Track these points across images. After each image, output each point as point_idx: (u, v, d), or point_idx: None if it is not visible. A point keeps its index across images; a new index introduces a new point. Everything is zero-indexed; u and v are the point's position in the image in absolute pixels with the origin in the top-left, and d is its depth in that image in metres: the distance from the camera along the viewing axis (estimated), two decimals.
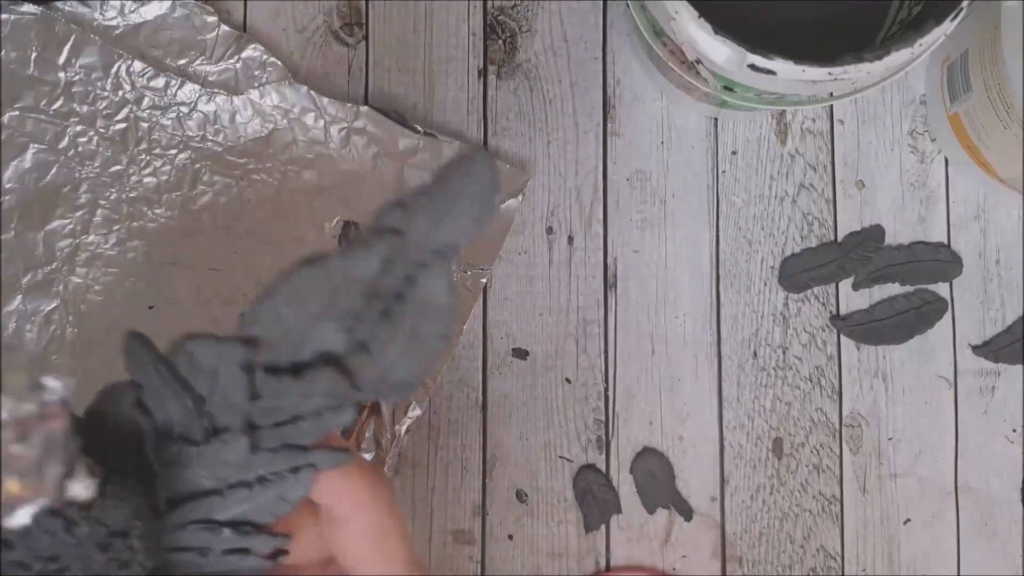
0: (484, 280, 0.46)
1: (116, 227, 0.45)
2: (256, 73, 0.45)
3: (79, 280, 0.45)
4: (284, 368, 0.25)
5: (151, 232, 0.45)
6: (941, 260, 0.47)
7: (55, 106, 0.45)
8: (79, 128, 0.45)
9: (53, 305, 0.44)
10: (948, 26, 0.34)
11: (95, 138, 0.45)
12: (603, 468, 0.46)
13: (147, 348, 0.25)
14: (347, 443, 0.26)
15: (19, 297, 0.44)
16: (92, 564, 0.23)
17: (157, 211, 0.45)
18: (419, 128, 0.46)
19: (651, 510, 0.46)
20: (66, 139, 0.45)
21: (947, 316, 0.47)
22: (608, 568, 0.45)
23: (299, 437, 0.26)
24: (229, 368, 0.25)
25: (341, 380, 0.25)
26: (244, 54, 0.45)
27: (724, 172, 0.47)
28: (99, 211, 0.45)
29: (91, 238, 0.45)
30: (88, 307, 0.45)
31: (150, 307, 0.45)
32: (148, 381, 0.25)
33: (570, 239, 0.46)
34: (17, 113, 0.45)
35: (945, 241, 0.47)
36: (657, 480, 0.46)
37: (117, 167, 0.45)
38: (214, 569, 0.26)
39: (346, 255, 0.24)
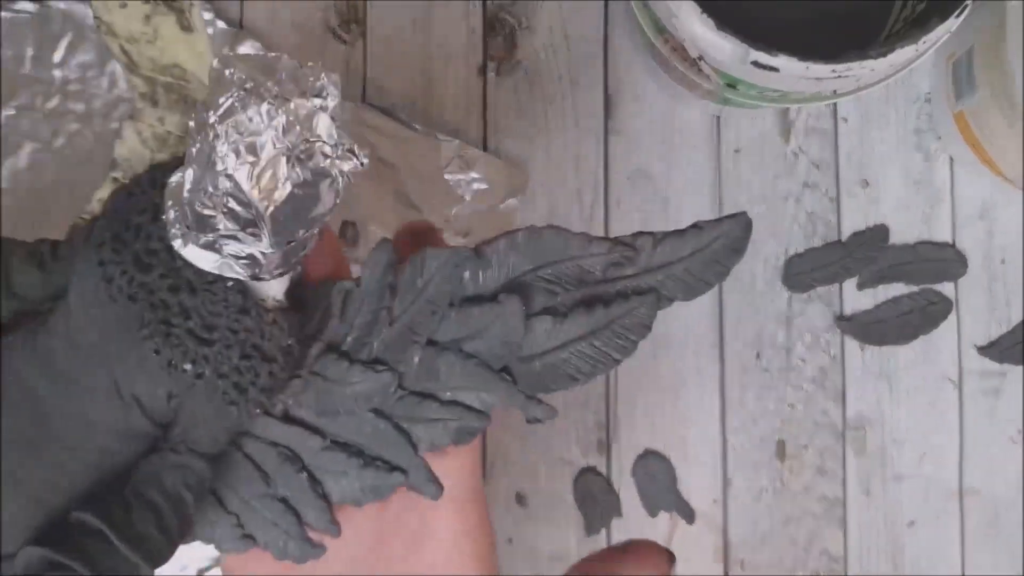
0: None
1: None
2: None
3: None
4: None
5: None
6: (946, 259, 0.46)
7: (51, 104, 0.45)
8: (75, 127, 0.45)
9: None
10: (952, 23, 0.34)
11: (91, 136, 0.45)
12: (604, 471, 0.45)
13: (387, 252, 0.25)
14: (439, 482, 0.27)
15: None
16: (223, 362, 0.24)
17: None
18: (418, 126, 0.45)
19: (653, 513, 0.45)
20: (62, 137, 0.45)
21: (952, 316, 0.46)
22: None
23: (431, 414, 0.27)
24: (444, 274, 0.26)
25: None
26: (241, 52, 0.45)
27: (727, 170, 0.47)
28: None
29: None
30: None
31: None
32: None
33: None
34: (13, 111, 0.45)
35: (950, 240, 0.47)
36: (659, 482, 0.45)
37: None
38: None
39: (587, 241, 0.26)
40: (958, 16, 0.34)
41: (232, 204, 0.21)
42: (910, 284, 0.46)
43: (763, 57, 0.34)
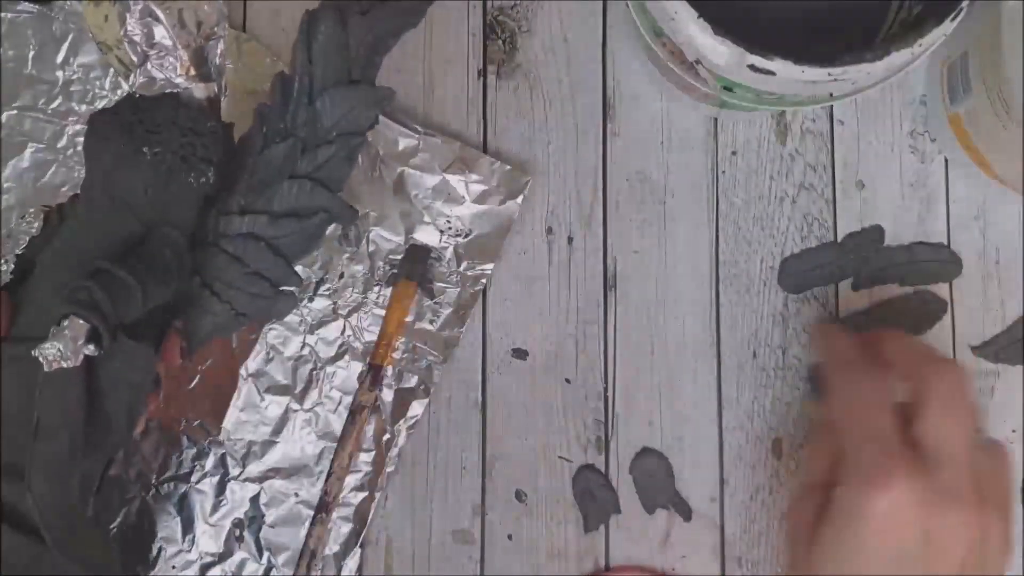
0: (484, 280, 0.46)
1: None
2: None
3: None
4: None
5: None
6: (941, 260, 0.47)
7: (53, 105, 0.45)
8: (78, 127, 0.45)
9: None
10: (948, 26, 0.34)
11: None
12: (602, 468, 0.46)
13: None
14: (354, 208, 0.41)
15: None
16: (171, 142, 0.35)
17: None
18: (419, 128, 0.46)
19: (650, 510, 0.46)
20: (64, 138, 0.45)
21: (947, 317, 0.47)
22: (607, 568, 0.45)
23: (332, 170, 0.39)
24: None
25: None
26: (244, 55, 0.45)
27: (724, 172, 0.47)
28: None
29: None
30: None
31: None
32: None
33: (570, 239, 0.46)
34: (15, 112, 0.45)
35: (945, 241, 0.47)
36: (656, 480, 0.46)
37: None
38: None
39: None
40: (954, 19, 0.34)
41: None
42: (905, 285, 0.47)
43: (759, 61, 0.34)
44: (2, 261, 0.44)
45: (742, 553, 0.46)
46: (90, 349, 0.31)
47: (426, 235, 0.45)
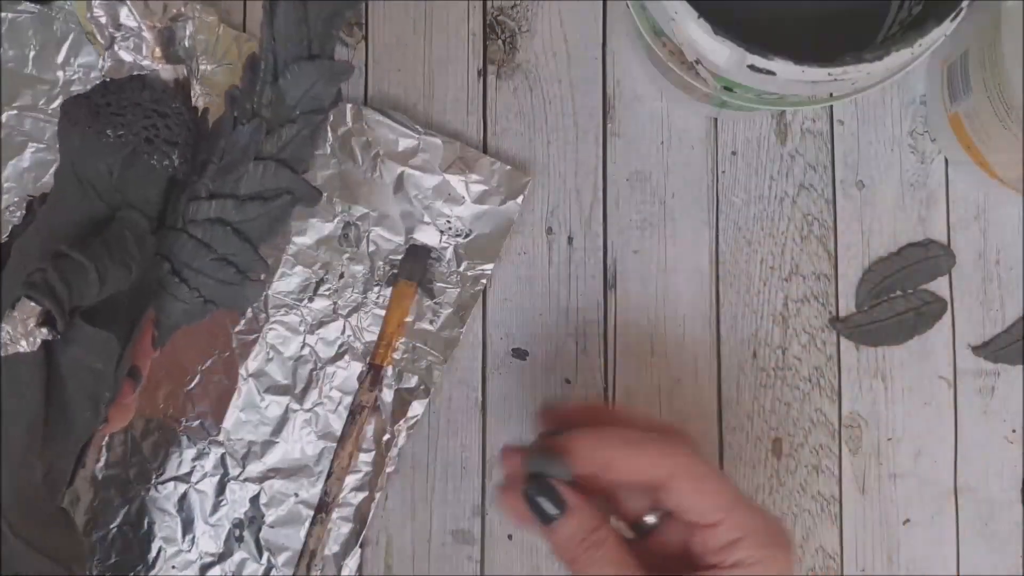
0: (484, 280, 0.46)
1: None
2: None
3: None
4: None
5: None
6: (933, 256, 0.47)
7: (54, 105, 0.45)
8: None
9: None
10: (948, 26, 0.34)
11: None
12: None
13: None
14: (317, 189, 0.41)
15: None
16: (134, 124, 0.35)
17: None
18: (419, 128, 0.46)
19: None
20: None
21: (946, 316, 0.47)
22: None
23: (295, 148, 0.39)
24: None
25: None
26: (243, 55, 0.45)
27: (724, 172, 0.47)
28: None
29: None
30: None
31: None
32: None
33: (570, 239, 0.46)
34: (16, 112, 0.45)
35: (945, 241, 0.47)
36: None
37: None
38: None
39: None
40: (954, 19, 0.34)
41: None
42: (907, 290, 0.47)
43: (759, 61, 0.34)
44: None
45: None
46: (43, 333, 0.30)
47: (426, 235, 0.45)
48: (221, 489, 0.45)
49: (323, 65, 0.39)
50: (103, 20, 0.34)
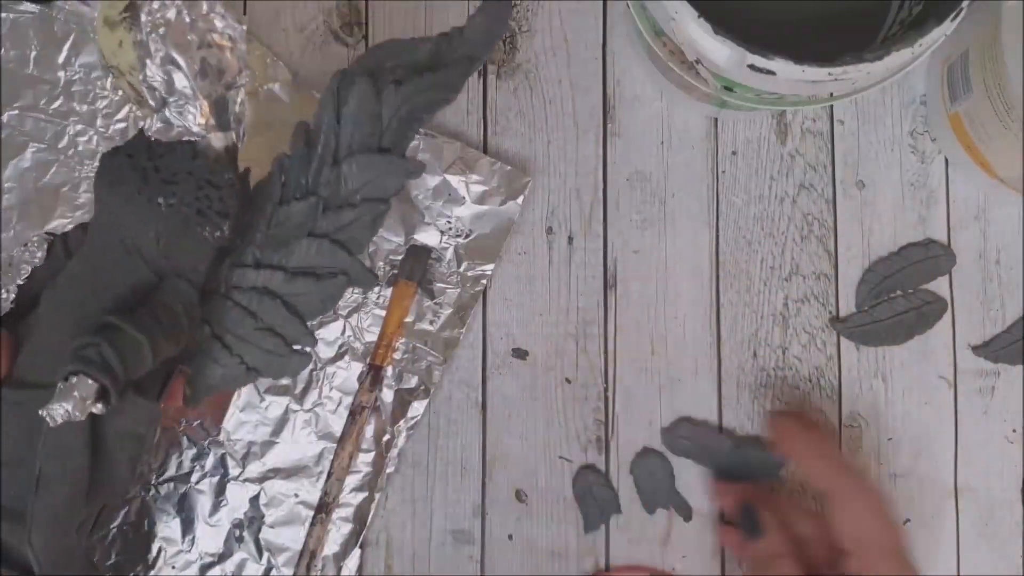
0: (484, 280, 0.46)
1: None
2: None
3: None
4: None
5: None
6: (933, 256, 0.47)
7: (55, 105, 0.45)
8: (79, 127, 0.45)
9: None
10: (948, 26, 0.34)
11: (95, 137, 0.45)
12: (603, 468, 0.46)
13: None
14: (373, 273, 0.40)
15: None
16: (187, 193, 0.34)
17: None
18: (419, 129, 0.45)
19: (651, 510, 0.46)
20: (66, 138, 0.45)
21: (947, 316, 0.47)
22: (607, 568, 0.45)
23: (353, 229, 0.38)
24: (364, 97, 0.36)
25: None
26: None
27: (724, 172, 0.47)
28: None
29: None
30: None
31: None
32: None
33: (570, 239, 0.46)
34: (17, 112, 0.45)
35: (945, 241, 0.47)
36: (657, 480, 0.46)
37: None
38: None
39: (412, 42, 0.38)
40: (954, 19, 0.34)
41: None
42: (907, 290, 0.47)
43: (760, 60, 0.34)
44: (1, 288, 0.44)
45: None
46: (98, 408, 0.30)
47: (426, 236, 0.45)
48: (221, 489, 0.45)
49: (393, 162, 0.37)
50: (157, 84, 0.33)
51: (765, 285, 0.47)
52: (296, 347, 0.38)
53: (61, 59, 0.45)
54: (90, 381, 0.30)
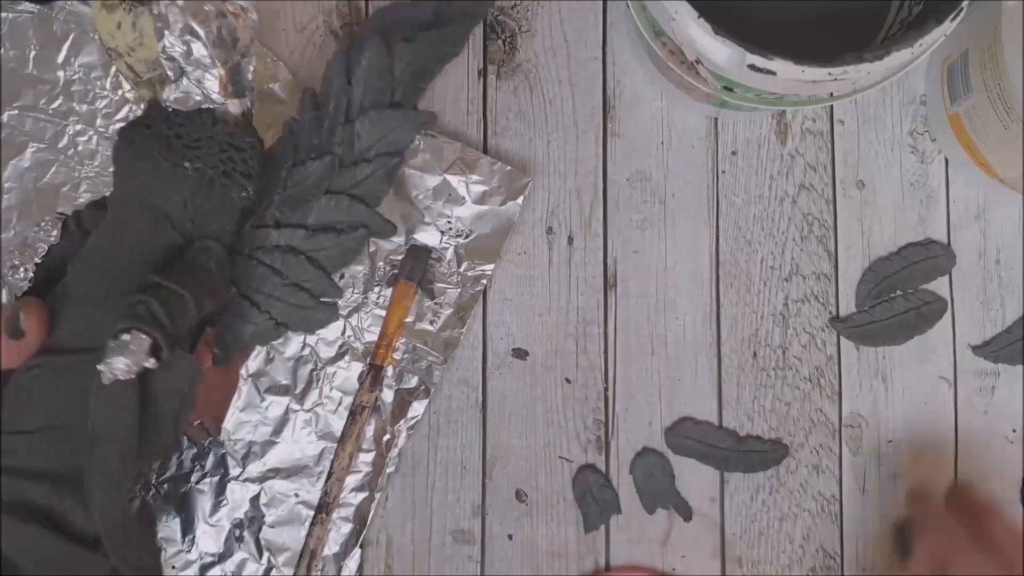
0: (484, 280, 0.46)
1: None
2: None
3: None
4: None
5: None
6: (933, 256, 0.47)
7: (54, 105, 0.45)
8: (79, 127, 0.45)
9: None
10: (948, 26, 0.34)
11: (95, 137, 0.45)
12: (603, 468, 0.46)
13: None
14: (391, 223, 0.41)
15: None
16: (211, 157, 0.35)
17: None
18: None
19: (651, 510, 0.46)
20: (66, 138, 0.45)
21: (947, 316, 0.47)
22: (607, 568, 0.45)
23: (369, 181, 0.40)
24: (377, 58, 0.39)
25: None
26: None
27: (724, 172, 0.47)
28: None
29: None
30: None
31: None
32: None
33: (570, 239, 0.46)
34: (16, 112, 0.45)
35: (945, 241, 0.47)
36: (657, 480, 0.46)
37: None
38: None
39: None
40: (954, 19, 0.34)
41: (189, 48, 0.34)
42: (907, 290, 0.47)
43: (759, 61, 0.34)
44: (11, 267, 0.44)
45: (742, 553, 0.46)
46: (151, 362, 0.31)
47: (427, 236, 0.45)
48: (221, 489, 0.45)
49: (406, 115, 0.40)
50: (176, 54, 0.34)
51: (765, 285, 0.47)
52: (323, 299, 0.40)
53: (61, 59, 0.45)
54: (143, 336, 0.30)
